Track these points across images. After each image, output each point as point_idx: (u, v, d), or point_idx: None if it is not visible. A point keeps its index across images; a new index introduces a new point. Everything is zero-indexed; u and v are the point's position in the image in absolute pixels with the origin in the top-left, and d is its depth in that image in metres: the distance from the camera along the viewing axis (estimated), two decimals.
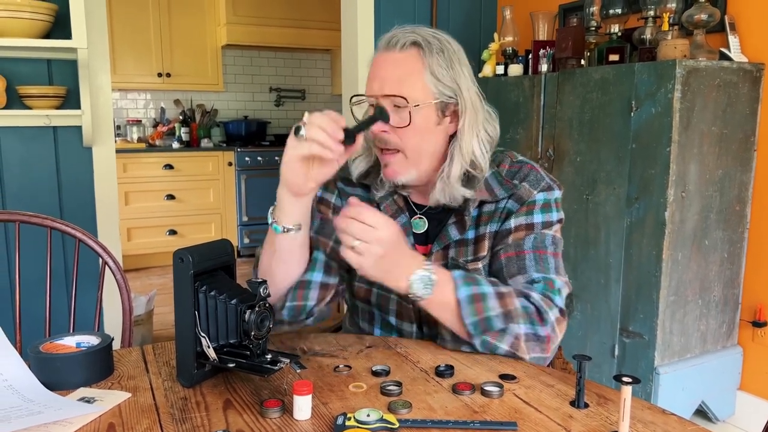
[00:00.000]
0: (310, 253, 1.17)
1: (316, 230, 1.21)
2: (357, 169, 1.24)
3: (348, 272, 1.24)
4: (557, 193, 1.18)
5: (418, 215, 1.24)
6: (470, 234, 1.19)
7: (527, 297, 1.07)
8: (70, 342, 1.01)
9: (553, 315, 1.06)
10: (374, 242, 0.98)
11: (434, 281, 1.03)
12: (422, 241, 1.23)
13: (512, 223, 1.15)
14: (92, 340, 1.01)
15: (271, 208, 1.11)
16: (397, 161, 1.15)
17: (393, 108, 1.12)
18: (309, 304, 1.16)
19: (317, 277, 1.16)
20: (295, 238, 1.10)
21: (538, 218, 1.15)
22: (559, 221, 1.18)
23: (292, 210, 1.07)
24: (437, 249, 1.19)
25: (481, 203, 1.18)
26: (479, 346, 1.06)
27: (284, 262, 1.13)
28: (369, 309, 1.27)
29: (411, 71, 1.12)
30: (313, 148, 0.99)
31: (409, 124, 1.12)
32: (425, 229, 1.23)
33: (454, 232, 1.19)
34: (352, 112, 1.21)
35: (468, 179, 1.16)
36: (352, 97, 1.20)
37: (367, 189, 1.26)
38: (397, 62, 1.13)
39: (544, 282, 1.09)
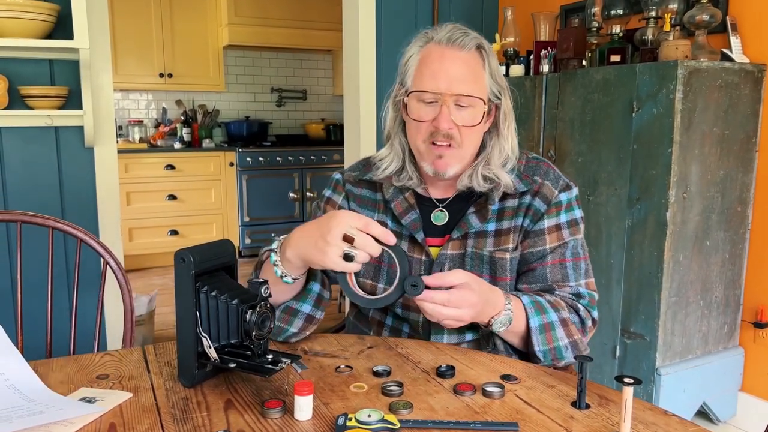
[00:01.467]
0: (307, 282, 1.16)
1: None
2: (387, 170, 1.26)
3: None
4: (575, 191, 1.25)
5: (440, 208, 1.26)
6: (491, 226, 1.22)
7: (576, 310, 1.19)
8: None
9: (589, 325, 1.22)
10: (466, 308, 1.03)
11: (512, 319, 1.11)
12: (440, 233, 1.25)
13: (545, 224, 1.21)
14: None
15: (277, 243, 1.09)
16: (452, 154, 1.18)
17: (456, 106, 1.15)
18: (291, 330, 1.14)
19: (306, 308, 1.15)
20: (289, 283, 1.09)
21: (563, 218, 1.22)
22: (582, 218, 1.26)
23: (299, 270, 1.08)
24: (457, 236, 1.22)
25: (504, 197, 1.22)
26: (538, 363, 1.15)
27: (276, 291, 1.10)
28: None
29: (478, 72, 1.17)
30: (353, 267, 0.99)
31: (478, 124, 1.17)
32: (446, 220, 1.25)
33: (474, 221, 1.21)
34: (404, 105, 1.20)
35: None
36: (410, 92, 1.18)
37: (373, 189, 1.30)
38: (465, 61, 1.16)
39: (589, 298, 1.22)
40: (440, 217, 1.25)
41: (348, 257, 0.97)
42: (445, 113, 1.14)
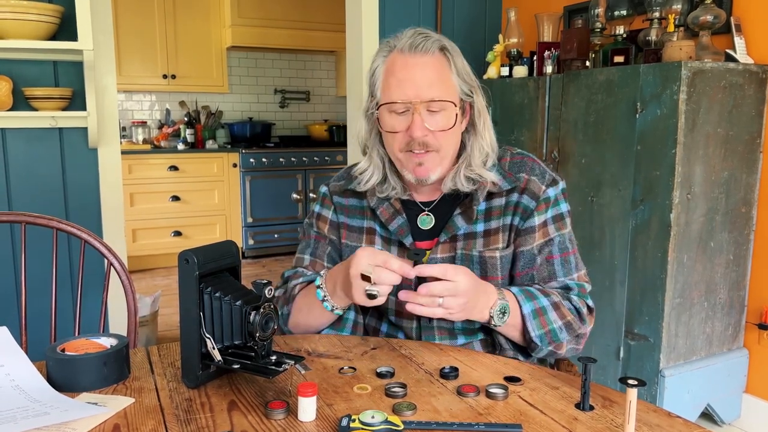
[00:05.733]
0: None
1: (312, 252, 1.32)
2: (369, 182, 1.26)
3: None
4: (561, 185, 1.25)
5: (426, 212, 1.25)
6: (479, 227, 1.22)
7: (569, 300, 1.20)
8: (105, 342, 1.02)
9: (587, 315, 1.21)
10: (459, 295, 1.03)
11: (508, 308, 1.12)
12: (427, 236, 1.24)
13: (536, 221, 1.21)
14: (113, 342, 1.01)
15: (320, 279, 1.18)
16: (431, 159, 1.18)
17: (428, 112, 1.15)
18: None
19: (347, 335, 1.24)
20: (339, 314, 1.20)
21: (549, 213, 1.22)
22: (569, 212, 1.26)
23: (345, 302, 1.17)
24: (444, 239, 1.21)
25: (490, 197, 1.22)
26: (539, 354, 1.18)
27: (320, 322, 1.23)
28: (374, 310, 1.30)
29: (444, 74, 1.16)
30: (380, 300, 1.07)
31: (453, 126, 1.16)
32: (432, 224, 1.25)
33: (461, 223, 1.21)
34: (377, 119, 1.21)
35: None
36: (380, 105, 1.18)
37: (359, 197, 1.30)
38: (429, 66, 1.15)
39: (578, 289, 1.22)
40: (426, 221, 1.25)
41: (370, 296, 1.03)
42: (417, 121, 1.13)
